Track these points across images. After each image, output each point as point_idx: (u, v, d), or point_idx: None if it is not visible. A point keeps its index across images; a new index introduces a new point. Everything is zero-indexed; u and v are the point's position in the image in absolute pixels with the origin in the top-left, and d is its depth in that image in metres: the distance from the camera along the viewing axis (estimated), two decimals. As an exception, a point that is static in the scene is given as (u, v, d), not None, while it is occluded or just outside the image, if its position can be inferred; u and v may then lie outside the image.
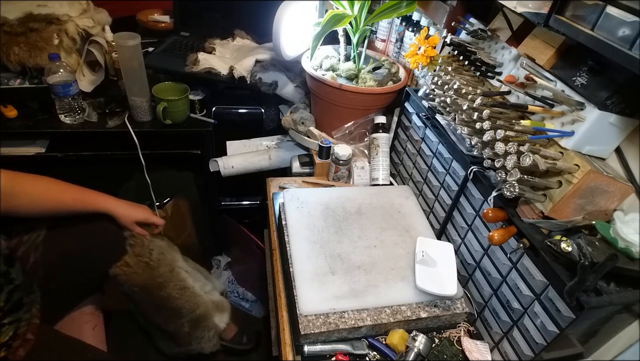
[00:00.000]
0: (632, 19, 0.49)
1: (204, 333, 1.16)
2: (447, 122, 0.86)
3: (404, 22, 1.13)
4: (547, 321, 0.60)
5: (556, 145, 0.64)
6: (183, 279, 1.10)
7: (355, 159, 1.13)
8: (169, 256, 1.08)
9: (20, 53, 1.12)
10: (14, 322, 0.78)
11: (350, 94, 1.08)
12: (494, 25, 0.82)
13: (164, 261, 1.06)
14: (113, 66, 1.31)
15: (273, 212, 1.00)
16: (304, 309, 0.71)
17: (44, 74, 1.11)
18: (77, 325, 1.00)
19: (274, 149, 1.33)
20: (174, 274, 1.08)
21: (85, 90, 1.26)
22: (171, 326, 1.11)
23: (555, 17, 0.59)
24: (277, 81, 1.27)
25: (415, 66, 0.95)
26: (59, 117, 1.17)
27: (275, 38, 1.06)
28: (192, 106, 1.28)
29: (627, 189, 0.60)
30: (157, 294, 1.04)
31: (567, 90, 0.64)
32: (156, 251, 1.04)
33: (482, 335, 0.78)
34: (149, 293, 1.04)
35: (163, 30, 1.56)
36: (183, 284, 1.09)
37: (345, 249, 0.83)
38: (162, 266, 1.05)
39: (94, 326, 1.02)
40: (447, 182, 0.87)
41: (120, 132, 1.19)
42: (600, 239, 0.58)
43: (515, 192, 0.59)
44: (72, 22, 1.21)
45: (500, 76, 0.78)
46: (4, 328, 0.75)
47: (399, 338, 0.73)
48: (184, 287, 1.09)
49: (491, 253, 0.74)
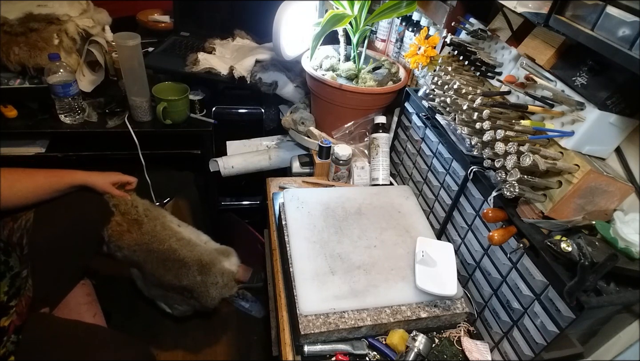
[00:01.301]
0: (632, 19, 0.49)
1: (217, 279, 1.16)
2: (447, 122, 0.86)
3: (404, 22, 1.13)
4: (547, 321, 0.60)
5: (556, 145, 0.64)
6: (178, 231, 1.13)
7: (355, 159, 1.13)
8: (155, 212, 1.12)
9: (20, 53, 1.12)
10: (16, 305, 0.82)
11: (350, 94, 1.08)
12: (494, 25, 0.82)
13: (151, 215, 1.10)
14: (113, 66, 1.31)
15: (273, 212, 1.00)
16: (304, 309, 0.71)
17: (44, 74, 1.11)
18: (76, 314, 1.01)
19: (274, 149, 1.33)
20: (166, 227, 1.11)
21: (85, 90, 1.26)
22: (184, 280, 1.12)
23: (555, 17, 0.59)
24: (277, 81, 1.27)
25: (415, 65, 0.95)
26: (59, 117, 1.17)
27: (275, 38, 1.06)
28: (192, 106, 1.28)
29: (627, 189, 0.60)
30: (156, 249, 1.07)
31: (567, 90, 0.64)
32: (141, 208, 1.09)
33: (482, 335, 0.78)
34: (149, 249, 1.07)
35: (163, 30, 1.56)
36: (179, 235, 1.12)
37: (345, 249, 0.83)
38: (151, 220, 1.09)
39: (93, 315, 1.03)
40: (447, 182, 0.87)
41: (120, 132, 1.19)
42: (600, 239, 0.58)
43: (515, 192, 0.59)
44: (72, 22, 1.21)
45: (500, 76, 0.78)
46: (11, 310, 0.80)
47: (399, 338, 0.73)
48: (181, 238, 1.12)
49: (491, 253, 0.74)
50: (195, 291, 1.15)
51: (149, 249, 1.07)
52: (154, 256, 1.08)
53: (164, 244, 1.09)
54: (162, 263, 1.09)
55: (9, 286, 0.81)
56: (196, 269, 1.12)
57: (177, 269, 1.11)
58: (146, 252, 1.07)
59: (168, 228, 1.12)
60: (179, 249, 1.10)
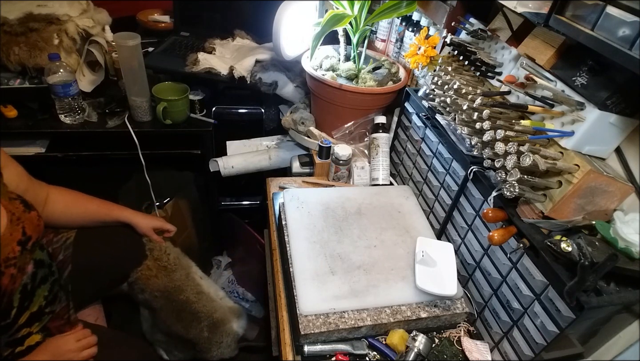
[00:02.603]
0: (632, 19, 0.49)
1: (222, 338, 1.18)
2: (447, 122, 0.86)
3: (404, 22, 1.13)
4: (547, 321, 0.60)
5: (556, 145, 0.64)
6: (199, 284, 1.14)
7: (355, 159, 1.13)
8: (184, 262, 1.14)
9: (20, 53, 1.12)
10: (52, 312, 0.84)
11: (350, 94, 1.08)
12: (494, 25, 0.82)
13: (180, 265, 1.11)
14: (113, 66, 1.31)
15: (273, 212, 1.00)
16: (304, 309, 0.71)
17: (44, 74, 1.11)
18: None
19: (274, 149, 1.33)
20: (189, 278, 1.12)
21: (85, 90, 1.26)
22: (192, 333, 1.13)
23: (555, 17, 0.59)
24: (277, 81, 1.27)
25: (415, 66, 0.95)
26: (59, 117, 1.17)
27: (275, 38, 1.06)
28: (192, 106, 1.28)
29: (627, 189, 0.60)
30: (176, 298, 1.09)
31: (567, 90, 0.64)
32: (172, 256, 1.10)
33: (482, 335, 0.78)
34: (169, 297, 1.08)
35: (163, 30, 1.56)
36: (199, 288, 1.13)
37: (345, 249, 0.83)
38: (178, 270, 1.10)
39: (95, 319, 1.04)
40: (447, 182, 0.87)
41: (120, 132, 1.19)
42: (600, 239, 0.58)
43: (515, 192, 0.59)
44: (72, 22, 1.22)
45: (500, 76, 0.78)
46: (44, 316, 0.82)
47: (399, 338, 0.73)
48: (200, 291, 1.13)
49: (491, 253, 0.74)
50: (198, 345, 1.16)
51: (169, 298, 1.09)
52: (172, 305, 1.09)
53: (184, 295, 1.10)
54: (177, 313, 1.10)
55: (49, 291, 0.83)
56: (206, 325, 1.13)
57: (189, 322, 1.12)
58: (166, 300, 1.09)
59: (191, 279, 1.13)
60: (195, 303, 1.12)
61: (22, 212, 0.77)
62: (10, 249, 0.72)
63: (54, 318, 0.84)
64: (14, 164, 0.85)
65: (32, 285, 0.78)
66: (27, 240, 0.77)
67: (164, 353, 1.26)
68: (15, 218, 0.75)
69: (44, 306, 0.81)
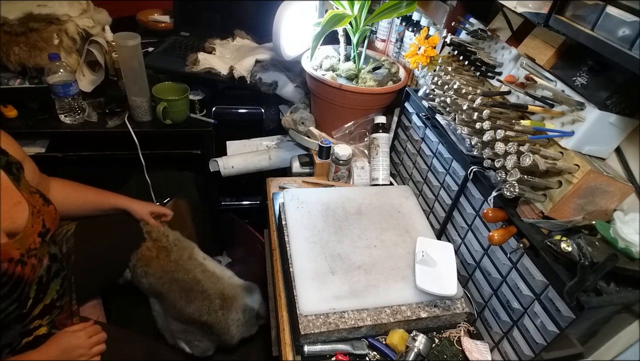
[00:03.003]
0: (632, 19, 0.49)
1: (239, 315, 1.16)
2: (447, 122, 0.86)
3: (404, 22, 1.13)
4: (547, 321, 0.60)
5: (556, 145, 0.64)
6: (202, 263, 1.15)
7: (355, 159, 1.13)
8: (185, 243, 1.16)
9: (20, 53, 1.12)
10: (61, 307, 0.86)
11: (350, 94, 1.08)
12: (494, 25, 0.82)
13: (180, 245, 1.13)
14: (113, 66, 1.31)
15: (273, 212, 1.00)
16: (304, 309, 0.71)
17: (44, 74, 1.11)
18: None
19: (274, 149, 1.33)
20: (192, 259, 1.14)
21: (85, 90, 1.26)
22: (205, 314, 1.12)
23: (555, 17, 0.59)
24: (277, 81, 1.27)
25: (415, 65, 0.95)
26: (59, 117, 1.17)
27: (275, 38, 1.06)
28: (192, 106, 1.28)
29: (627, 189, 0.60)
30: (182, 278, 1.10)
31: (567, 90, 0.64)
32: (172, 237, 1.13)
33: (482, 335, 0.78)
34: (174, 278, 1.09)
35: (163, 30, 1.56)
36: (205, 267, 1.14)
37: (345, 249, 0.83)
38: (179, 249, 1.12)
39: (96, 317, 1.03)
40: (447, 182, 0.87)
41: (120, 132, 1.19)
42: (600, 239, 0.58)
43: (515, 192, 0.59)
44: (72, 22, 1.22)
45: (500, 76, 0.78)
46: (54, 310, 0.84)
47: (399, 338, 0.73)
48: (206, 270, 1.14)
49: (491, 253, 0.74)
50: (215, 327, 1.15)
51: (174, 278, 1.09)
52: (178, 286, 1.10)
53: (189, 274, 1.11)
54: (185, 293, 1.10)
55: (60, 285, 0.85)
56: (218, 303, 1.13)
57: (200, 302, 1.11)
58: (171, 280, 1.09)
59: (194, 259, 1.15)
60: (203, 281, 1.12)
61: (41, 205, 0.80)
62: (32, 240, 0.75)
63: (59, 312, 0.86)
64: (29, 159, 0.87)
65: (47, 278, 0.80)
66: (46, 232, 0.80)
67: (185, 346, 1.25)
68: (36, 210, 0.78)
69: (55, 299, 0.83)
